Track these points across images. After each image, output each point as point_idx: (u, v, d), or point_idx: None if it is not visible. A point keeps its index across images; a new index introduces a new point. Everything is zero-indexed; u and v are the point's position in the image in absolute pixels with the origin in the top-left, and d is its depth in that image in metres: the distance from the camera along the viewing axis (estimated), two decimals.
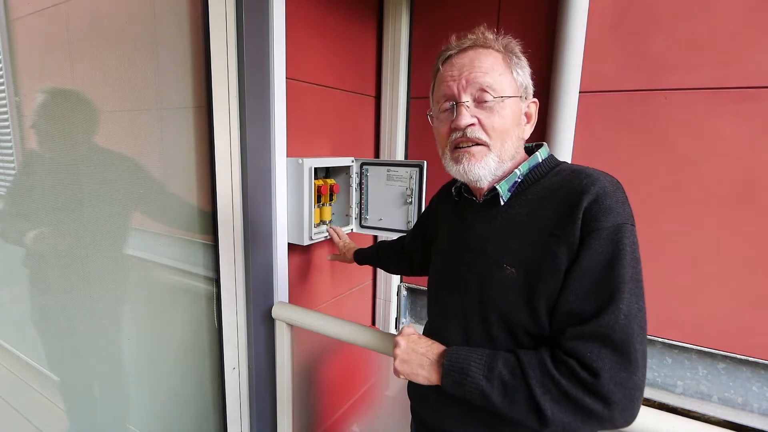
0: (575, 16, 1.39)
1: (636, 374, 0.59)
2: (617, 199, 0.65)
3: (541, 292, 0.66)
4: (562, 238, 0.66)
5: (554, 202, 0.69)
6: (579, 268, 0.63)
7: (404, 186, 1.49)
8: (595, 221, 0.64)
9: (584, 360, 0.59)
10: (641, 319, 0.61)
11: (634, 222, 0.66)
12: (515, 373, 0.64)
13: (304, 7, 1.42)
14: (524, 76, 0.77)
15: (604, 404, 0.58)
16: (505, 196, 0.75)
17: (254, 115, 1.22)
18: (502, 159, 0.74)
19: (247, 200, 1.25)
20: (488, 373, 0.66)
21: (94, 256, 1.00)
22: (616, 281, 0.61)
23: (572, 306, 0.63)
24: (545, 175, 0.75)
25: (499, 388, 0.64)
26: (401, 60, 1.81)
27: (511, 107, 0.73)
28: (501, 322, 0.72)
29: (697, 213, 1.38)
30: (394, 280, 2.04)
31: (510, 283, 0.70)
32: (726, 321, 1.37)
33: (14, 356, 0.93)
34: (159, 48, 1.08)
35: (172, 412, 1.26)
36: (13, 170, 0.88)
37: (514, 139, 0.75)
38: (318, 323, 1.21)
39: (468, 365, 0.68)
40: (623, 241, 0.63)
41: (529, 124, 0.79)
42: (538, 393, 0.61)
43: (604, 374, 0.58)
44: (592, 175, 0.69)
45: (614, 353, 0.59)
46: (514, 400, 0.63)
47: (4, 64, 0.85)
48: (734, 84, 1.29)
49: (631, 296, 0.61)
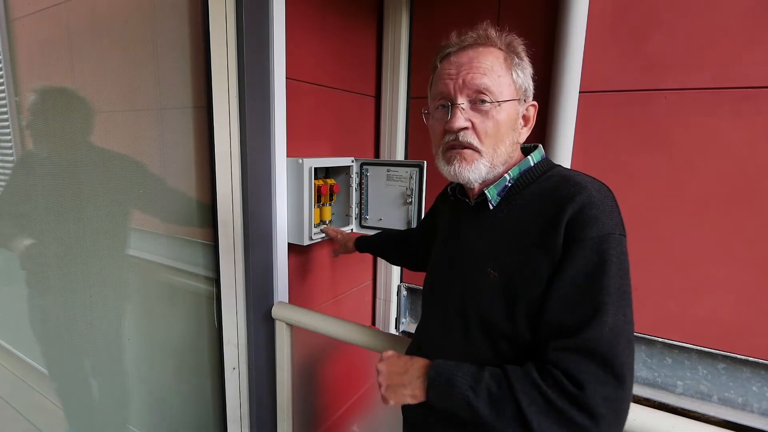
0: (575, 16, 1.39)
1: (622, 388, 0.58)
2: (603, 209, 0.64)
3: (522, 298, 0.66)
4: (545, 246, 0.65)
5: (540, 208, 0.69)
6: (563, 278, 0.63)
7: (404, 186, 1.49)
8: (579, 231, 0.63)
9: (569, 372, 0.59)
10: (628, 332, 0.60)
11: (623, 231, 0.65)
12: (502, 385, 0.63)
13: (304, 7, 1.42)
14: (525, 78, 0.75)
15: (590, 418, 0.57)
16: (494, 200, 0.75)
17: (254, 115, 1.22)
18: (494, 164, 0.73)
19: (247, 200, 1.25)
20: (475, 385, 0.65)
21: (94, 257, 1.00)
22: (602, 293, 0.60)
23: (557, 317, 0.63)
24: (536, 180, 0.74)
25: (485, 400, 0.63)
26: (401, 60, 1.81)
27: (507, 111, 0.72)
28: (480, 325, 0.72)
29: (697, 213, 1.38)
30: (394, 280, 2.04)
31: (491, 288, 0.70)
32: (726, 321, 1.37)
33: (14, 356, 0.93)
34: (159, 48, 1.08)
35: (172, 412, 1.27)
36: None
37: (508, 144, 0.74)
38: (318, 323, 1.21)
39: (454, 376, 0.67)
40: (609, 251, 0.62)
41: (526, 127, 0.78)
42: (525, 404, 0.60)
43: (589, 386, 0.57)
44: (580, 183, 0.67)
45: (599, 367, 0.58)
46: (500, 411, 0.62)
47: (4, 64, 0.85)
48: (734, 84, 1.29)
49: (617, 309, 0.60)
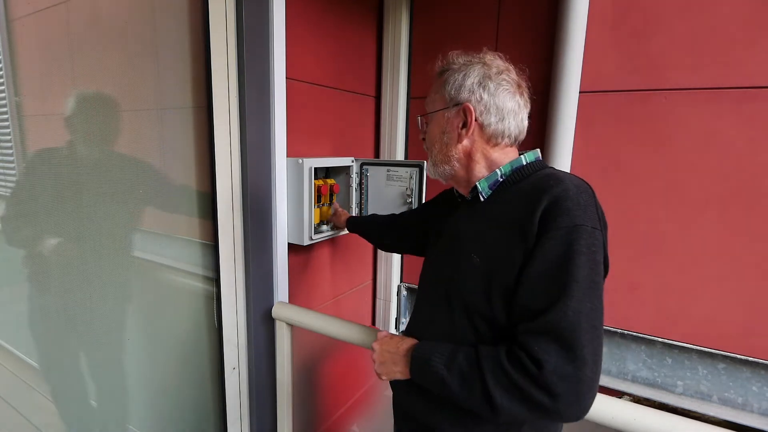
0: (575, 16, 1.39)
1: (582, 370, 0.61)
2: (577, 202, 0.68)
3: (498, 282, 0.72)
4: (521, 234, 0.70)
5: (524, 201, 0.73)
6: (533, 266, 0.67)
7: (404, 186, 1.49)
8: (552, 221, 0.67)
9: (531, 352, 0.63)
10: (594, 318, 0.63)
11: (596, 225, 0.68)
12: (472, 365, 0.69)
13: (304, 7, 1.42)
14: (456, 85, 0.81)
15: (549, 396, 0.61)
16: (485, 192, 0.81)
17: (254, 115, 1.22)
18: (435, 163, 0.87)
19: (247, 200, 1.25)
20: (449, 363, 0.71)
21: (94, 257, 1.00)
22: (567, 279, 0.64)
23: (525, 302, 0.67)
24: (526, 177, 0.79)
25: (457, 378, 0.70)
26: (401, 60, 1.81)
27: (436, 121, 0.86)
28: (462, 307, 0.77)
29: (697, 213, 1.38)
30: (394, 280, 2.04)
31: (473, 272, 0.75)
32: (726, 321, 1.37)
33: (14, 356, 0.93)
34: (159, 48, 1.08)
35: (172, 412, 1.27)
36: (13, 170, 0.88)
37: (441, 146, 0.85)
38: (318, 323, 1.21)
39: (432, 356, 0.74)
40: (579, 242, 0.65)
41: (466, 128, 0.81)
42: (491, 384, 0.65)
43: (547, 366, 0.61)
44: (560, 178, 0.72)
45: (560, 348, 0.62)
46: (470, 389, 0.68)
47: (4, 64, 0.85)
48: (735, 84, 1.29)
49: (582, 295, 0.63)
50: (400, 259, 2.04)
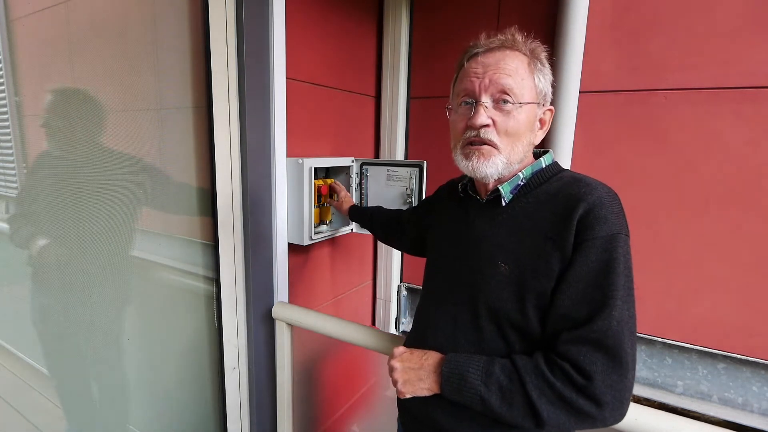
0: (575, 16, 1.39)
1: (626, 377, 0.62)
2: (612, 210, 0.68)
3: (532, 289, 0.70)
4: (557, 241, 0.69)
5: (552, 206, 0.72)
6: (574, 273, 0.66)
7: (404, 186, 1.49)
8: (590, 230, 0.66)
9: (578, 363, 0.62)
10: (632, 325, 0.64)
11: (628, 232, 0.69)
12: (512, 378, 0.67)
13: (304, 7, 1.42)
14: (545, 83, 0.79)
15: (597, 405, 0.61)
16: (507, 197, 0.78)
17: (254, 115, 1.22)
18: (510, 161, 0.76)
19: (248, 200, 1.25)
20: (486, 379, 0.69)
21: (94, 257, 1.00)
22: (610, 288, 0.64)
23: (567, 310, 0.66)
24: (547, 180, 0.77)
25: (497, 393, 0.67)
26: (401, 60, 1.81)
27: (527, 113, 0.75)
28: (490, 315, 0.75)
29: (697, 213, 1.38)
30: (394, 280, 2.04)
31: (502, 279, 0.73)
32: (726, 321, 1.37)
33: (14, 356, 0.93)
34: (159, 48, 1.08)
35: (172, 412, 1.27)
36: (13, 170, 0.88)
37: (525, 144, 0.77)
38: (318, 323, 1.21)
39: (467, 371, 0.71)
40: (617, 250, 0.65)
41: (542, 130, 0.81)
42: (535, 396, 0.64)
43: (596, 377, 0.61)
44: (590, 184, 0.72)
45: (606, 357, 0.62)
46: (512, 404, 0.66)
47: (4, 64, 0.85)
48: (734, 84, 1.29)
49: (623, 303, 0.64)
50: (400, 259, 2.04)
